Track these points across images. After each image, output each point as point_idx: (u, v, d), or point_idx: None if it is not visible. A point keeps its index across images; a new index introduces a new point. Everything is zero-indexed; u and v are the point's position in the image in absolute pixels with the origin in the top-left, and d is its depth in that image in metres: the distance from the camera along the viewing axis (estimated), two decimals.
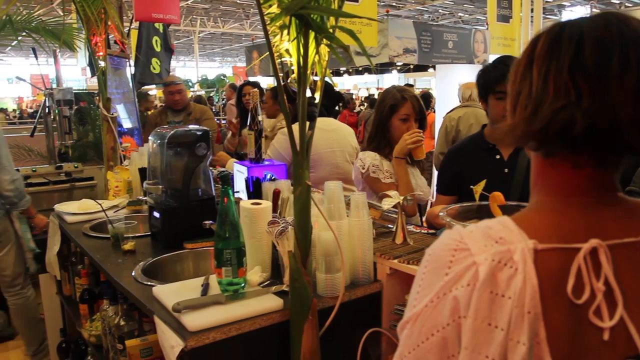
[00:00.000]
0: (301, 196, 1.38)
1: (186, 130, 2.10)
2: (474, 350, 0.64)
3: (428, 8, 20.01)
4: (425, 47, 11.62)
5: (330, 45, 1.37)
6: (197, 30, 21.00)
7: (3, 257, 3.01)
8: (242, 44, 24.72)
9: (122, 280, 1.75)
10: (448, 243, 0.69)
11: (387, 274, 1.62)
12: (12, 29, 3.49)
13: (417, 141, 2.19)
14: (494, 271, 0.64)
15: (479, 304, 0.64)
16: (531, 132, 0.68)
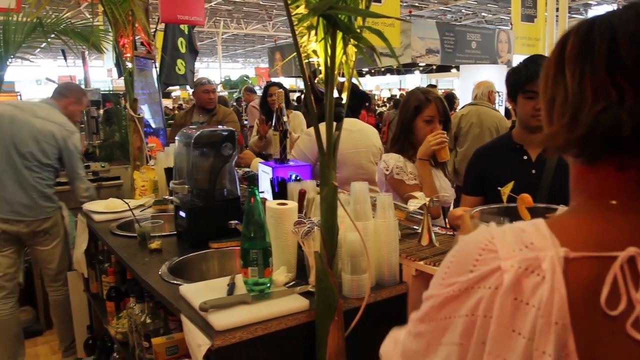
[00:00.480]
0: (328, 197, 1.37)
1: (212, 130, 2.11)
2: (498, 355, 0.62)
3: (451, 8, 19.87)
4: (448, 47, 11.54)
5: (357, 46, 1.36)
6: (221, 32, 21.18)
7: (51, 250, 3.07)
8: (265, 45, 24.85)
9: (148, 279, 1.77)
10: (479, 240, 0.67)
11: (413, 276, 1.61)
12: (43, 32, 3.57)
13: (441, 142, 2.18)
14: (519, 278, 0.62)
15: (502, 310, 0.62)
16: (574, 139, 0.65)
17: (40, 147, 2.95)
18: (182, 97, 15.57)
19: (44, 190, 2.99)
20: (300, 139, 2.78)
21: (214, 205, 2.06)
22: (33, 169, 2.94)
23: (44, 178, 2.99)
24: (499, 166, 2.05)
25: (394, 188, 2.28)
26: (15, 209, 2.92)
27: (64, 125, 3.04)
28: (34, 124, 2.96)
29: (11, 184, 2.91)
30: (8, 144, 2.91)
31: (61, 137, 2.99)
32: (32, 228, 2.98)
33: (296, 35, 1.38)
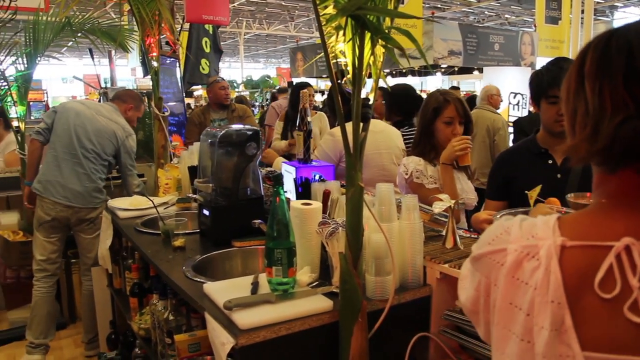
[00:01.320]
0: (353, 197, 1.37)
1: (237, 129, 2.13)
2: (505, 326, 0.74)
3: (474, 10, 19.69)
4: (470, 49, 11.45)
5: (386, 46, 1.36)
6: (243, 32, 21.30)
7: (92, 239, 3.19)
8: (287, 46, 24.92)
9: (172, 276, 1.78)
10: (503, 225, 0.79)
11: (437, 279, 1.60)
12: (71, 31, 3.63)
13: (465, 148, 2.15)
14: (521, 261, 0.72)
15: (505, 287, 0.73)
16: (595, 151, 0.69)
17: (101, 142, 3.19)
18: (203, 96, 15.69)
19: (96, 182, 3.20)
20: (324, 140, 2.78)
21: (237, 204, 2.07)
22: (91, 161, 3.17)
23: (99, 171, 3.22)
24: (523, 171, 2.02)
25: (414, 192, 2.26)
26: (68, 194, 3.12)
27: (124, 126, 3.29)
28: (98, 120, 3.21)
29: (68, 171, 3.13)
30: (72, 135, 3.16)
31: (120, 137, 3.25)
32: (80, 215, 3.18)
33: (324, 36, 1.37)
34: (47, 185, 3.13)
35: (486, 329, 0.82)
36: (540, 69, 2.00)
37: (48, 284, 3.25)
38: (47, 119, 3.29)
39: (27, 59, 3.62)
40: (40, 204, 3.17)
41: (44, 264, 3.22)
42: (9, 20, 3.45)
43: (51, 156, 3.18)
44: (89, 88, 22.11)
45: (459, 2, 18.35)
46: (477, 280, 0.81)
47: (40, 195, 3.15)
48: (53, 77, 21.15)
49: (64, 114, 3.22)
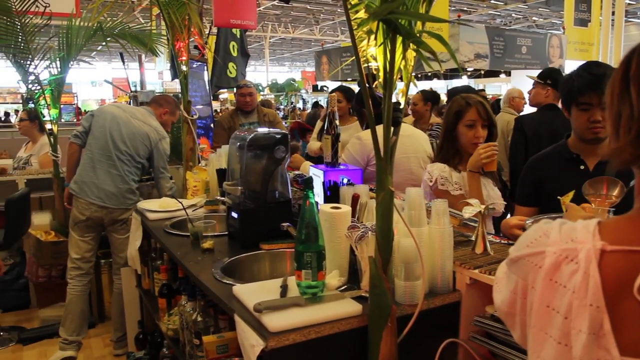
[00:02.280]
0: (384, 202, 1.37)
1: (266, 133, 2.14)
2: (541, 329, 0.74)
3: (500, 12, 19.48)
4: (497, 52, 11.33)
5: (417, 50, 1.35)
6: (268, 36, 21.45)
7: (124, 240, 3.22)
8: (312, 49, 25.01)
9: (201, 278, 1.80)
10: (542, 227, 0.79)
11: (467, 284, 1.58)
12: (102, 35, 3.70)
13: (492, 155, 2.13)
14: (559, 264, 0.73)
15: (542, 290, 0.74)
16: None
17: (134, 145, 3.27)
18: (229, 100, 15.83)
19: (129, 183, 3.27)
20: (351, 143, 2.78)
21: (265, 207, 2.08)
22: (125, 163, 3.25)
23: (132, 173, 3.29)
24: (554, 176, 1.99)
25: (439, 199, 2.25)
26: (102, 195, 3.21)
27: (158, 129, 3.36)
28: (133, 124, 3.29)
29: (103, 173, 3.22)
30: (107, 137, 3.23)
31: (154, 139, 3.32)
32: (113, 216, 3.26)
33: (355, 40, 1.38)
34: (83, 186, 3.22)
35: (522, 332, 0.82)
36: (570, 74, 1.96)
37: (82, 283, 3.33)
38: (85, 123, 3.39)
39: (60, 63, 3.70)
40: (75, 204, 3.25)
41: (78, 262, 3.30)
42: (43, 25, 3.54)
43: (87, 158, 3.27)
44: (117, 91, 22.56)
45: (486, 4, 18.17)
46: (513, 283, 0.82)
47: (76, 196, 3.23)
48: (83, 80, 21.59)
49: (100, 117, 3.31)
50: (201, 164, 3.22)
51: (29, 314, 4.11)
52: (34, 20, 3.61)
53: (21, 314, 4.13)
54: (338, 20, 19.70)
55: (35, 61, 3.71)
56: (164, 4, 2.87)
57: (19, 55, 3.64)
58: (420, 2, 1.37)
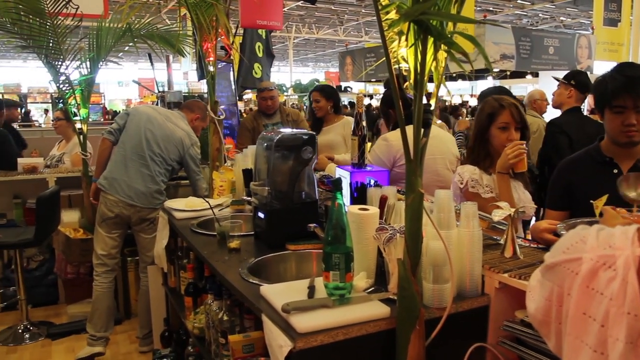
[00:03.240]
0: (413, 204, 1.36)
1: (292, 134, 2.15)
2: (577, 337, 0.73)
3: (527, 12, 19.21)
4: (524, 53, 11.17)
5: (449, 51, 1.34)
6: (292, 36, 21.52)
7: (151, 239, 3.27)
8: (335, 50, 25.01)
9: (228, 277, 1.81)
10: (580, 233, 0.79)
11: (496, 288, 1.56)
12: (131, 36, 3.76)
13: (519, 155, 2.09)
14: (597, 270, 0.72)
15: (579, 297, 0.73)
16: None
17: (168, 147, 3.32)
18: (253, 100, 15.93)
19: (159, 184, 3.31)
20: (377, 144, 2.77)
21: (292, 208, 2.09)
22: (157, 164, 3.29)
23: (162, 174, 3.33)
24: (586, 180, 1.95)
25: (469, 201, 2.23)
26: (132, 193, 3.24)
27: (190, 134, 3.42)
28: (167, 126, 3.35)
29: (134, 172, 3.26)
30: (142, 137, 3.28)
31: (186, 144, 3.37)
32: (142, 215, 3.29)
33: (386, 41, 1.37)
34: (113, 182, 3.25)
35: (557, 340, 0.81)
36: (603, 76, 1.92)
37: (108, 279, 3.38)
38: (119, 120, 3.43)
39: (90, 63, 3.77)
40: (103, 200, 3.29)
41: (104, 258, 3.35)
42: (75, 27, 3.61)
43: (120, 155, 3.31)
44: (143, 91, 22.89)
45: (512, 4, 17.94)
46: (548, 290, 0.81)
47: (105, 192, 3.27)
48: (110, 80, 21.96)
49: (136, 117, 3.36)
50: (227, 164, 3.24)
51: (58, 309, 4.20)
52: (65, 22, 3.67)
53: (50, 309, 4.22)
54: (362, 20, 19.67)
55: (66, 62, 3.78)
56: (193, 5, 2.90)
57: (51, 56, 3.72)
58: (452, 2, 1.36)
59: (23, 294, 3.76)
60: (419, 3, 1.28)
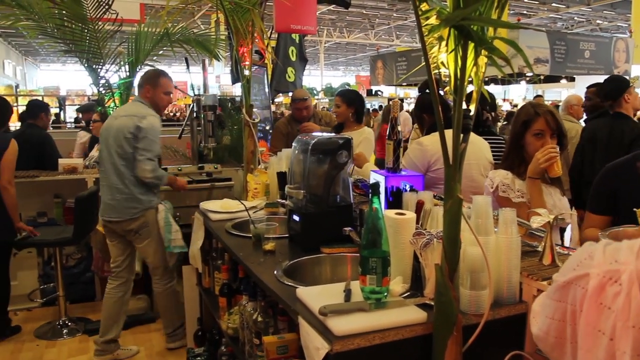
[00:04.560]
0: (452, 209, 1.36)
1: (329, 137, 2.16)
2: (588, 350, 0.75)
3: (562, 16, 18.87)
4: (558, 57, 10.98)
5: (490, 57, 1.33)
6: (324, 40, 21.59)
7: (143, 248, 3.30)
8: (366, 54, 25.00)
9: (264, 279, 1.83)
10: (588, 249, 0.80)
11: (534, 296, 1.54)
12: (168, 41, 3.84)
13: (549, 159, 2.06)
14: (604, 285, 0.73)
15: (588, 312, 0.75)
16: None
17: (120, 143, 3.12)
18: (284, 103, 16.04)
19: (129, 188, 3.15)
20: (411, 149, 2.77)
21: (327, 211, 2.10)
22: (120, 170, 3.14)
23: (128, 177, 3.15)
24: (631, 186, 1.91)
25: (500, 205, 2.21)
26: (106, 210, 3.22)
27: (136, 113, 3.14)
28: (114, 125, 3.18)
29: (103, 188, 3.23)
30: (105, 153, 3.20)
31: (132, 125, 3.09)
32: (122, 227, 3.23)
33: (426, 47, 1.37)
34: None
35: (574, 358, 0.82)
36: None
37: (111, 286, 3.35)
38: None
39: (129, 67, 3.86)
40: None
41: (115, 268, 3.38)
42: (115, 31, 3.71)
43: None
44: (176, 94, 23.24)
45: (546, 8, 17.65)
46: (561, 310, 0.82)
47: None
48: None
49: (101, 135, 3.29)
50: (260, 167, 3.27)
51: (95, 306, 4.30)
52: (105, 27, 3.78)
53: (87, 306, 4.33)
54: (393, 24, 19.62)
55: (106, 65, 3.89)
56: (230, 10, 2.95)
57: (92, 60, 3.83)
58: (493, 8, 1.35)
59: (62, 291, 3.87)
60: (460, 9, 1.28)
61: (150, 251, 3.33)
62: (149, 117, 3.14)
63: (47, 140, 4.56)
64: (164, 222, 3.29)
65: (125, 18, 4.05)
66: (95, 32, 3.68)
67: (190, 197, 3.83)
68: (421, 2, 1.37)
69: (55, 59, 29.50)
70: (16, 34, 20.69)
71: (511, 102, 19.90)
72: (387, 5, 17.00)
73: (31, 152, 4.41)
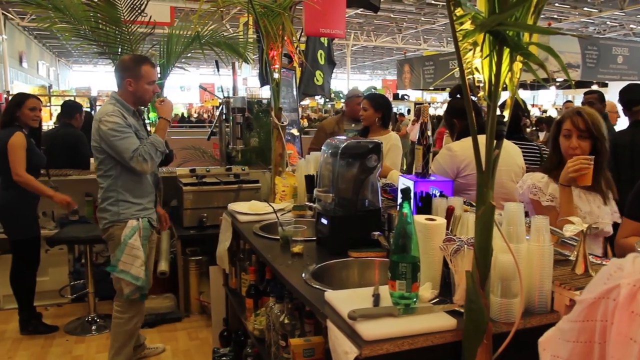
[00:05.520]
0: (484, 216, 1.34)
1: (358, 141, 2.16)
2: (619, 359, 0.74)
3: (594, 20, 18.50)
4: (590, 62, 10.78)
5: (525, 62, 1.32)
6: (350, 44, 21.59)
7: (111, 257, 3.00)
8: (393, 57, 24.91)
9: (292, 281, 1.84)
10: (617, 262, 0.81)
11: (566, 306, 1.52)
12: (199, 44, 3.90)
13: (579, 170, 2.03)
14: (635, 293, 0.74)
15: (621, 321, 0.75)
16: None
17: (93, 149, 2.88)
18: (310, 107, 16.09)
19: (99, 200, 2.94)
20: (440, 154, 2.75)
21: (355, 215, 2.10)
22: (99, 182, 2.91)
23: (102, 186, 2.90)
24: None
25: (533, 207, 2.21)
26: None
27: (99, 114, 2.82)
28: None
29: None
30: None
31: (94, 131, 2.78)
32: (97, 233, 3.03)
33: (460, 52, 1.37)
34: None
35: None
36: None
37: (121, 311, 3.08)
38: None
39: (161, 69, 3.93)
40: None
41: None
42: (148, 34, 3.78)
43: None
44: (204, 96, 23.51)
45: (577, 12, 17.34)
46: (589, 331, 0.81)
47: None
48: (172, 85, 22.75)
49: None
50: (287, 169, 3.29)
51: None
52: (138, 30, 3.85)
53: None
54: (421, 28, 19.51)
55: None
56: (260, 14, 2.98)
57: None
58: (529, 13, 1.34)
59: (91, 288, 3.95)
60: (496, 14, 1.27)
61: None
62: (107, 117, 2.75)
63: (81, 139, 4.66)
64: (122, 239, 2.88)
65: (156, 21, 4.13)
66: (128, 34, 3.76)
67: (217, 199, 3.87)
68: (456, 7, 1.36)
69: (87, 61, 30.12)
70: (50, 35, 21.22)
71: (540, 107, 19.61)
72: (414, 9, 16.92)
73: (66, 151, 4.53)
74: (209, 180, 3.86)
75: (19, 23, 18.35)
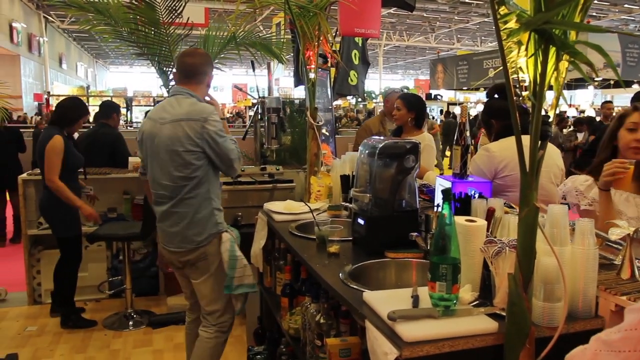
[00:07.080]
0: (528, 218, 1.32)
1: (395, 142, 2.15)
2: None
3: (634, 17, 17.97)
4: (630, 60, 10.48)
5: (572, 61, 1.29)
6: (383, 44, 21.51)
7: (198, 284, 2.71)
8: (426, 57, 24.71)
9: (329, 281, 1.84)
10: None
11: (612, 311, 1.48)
12: (235, 44, 3.94)
13: (614, 174, 1.97)
14: None
15: None
16: None
17: (173, 159, 2.49)
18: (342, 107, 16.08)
19: (193, 216, 2.55)
20: (478, 155, 2.71)
21: (392, 216, 2.09)
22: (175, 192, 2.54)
23: (194, 197, 2.54)
24: None
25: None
26: (163, 235, 2.66)
27: (192, 115, 2.46)
28: (162, 133, 2.49)
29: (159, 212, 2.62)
30: (156, 170, 2.56)
31: (194, 133, 2.45)
32: (177, 257, 2.63)
33: (504, 51, 1.35)
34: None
35: None
36: None
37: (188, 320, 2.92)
38: (139, 152, 2.75)
39: None
40: None
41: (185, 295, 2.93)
42: (185, 35, 3.84)
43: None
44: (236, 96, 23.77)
45: (617, 9, 16.87)
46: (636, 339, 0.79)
47: None
48: None
49: (143, 142, 2.62)
50: (322, 169, 3.29)
51: (158, 300, 4.46)
52: (176, 32, 3.92)
53: (151, 299, 4.50)
54: (454, 27, 19.30)
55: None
56: (297, 14, 2.99)
57: (163, 62, 3.97)
58: (576, 11, 1.31)
59: (129, 284, 4.04)
60: (542, 12, 1.25)
61: (205, 290, 2.69)
62: (212, 116, 2.50)
63: (118, 139, 4.77)
64: (228, 254, 2.65)
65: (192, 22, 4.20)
66: (167, 35, 3.83)
67: (252, 198, 3.90)
68: (500, 6, 1.34)
69: (123, 62, 30.80)
70: (88, 38, 21.78)
71: (577, 107, 19.15)
72: (448, 8, 16.74)
73: (104, 150, 4.64)
74: (244, 180, 3.90)
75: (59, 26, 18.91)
